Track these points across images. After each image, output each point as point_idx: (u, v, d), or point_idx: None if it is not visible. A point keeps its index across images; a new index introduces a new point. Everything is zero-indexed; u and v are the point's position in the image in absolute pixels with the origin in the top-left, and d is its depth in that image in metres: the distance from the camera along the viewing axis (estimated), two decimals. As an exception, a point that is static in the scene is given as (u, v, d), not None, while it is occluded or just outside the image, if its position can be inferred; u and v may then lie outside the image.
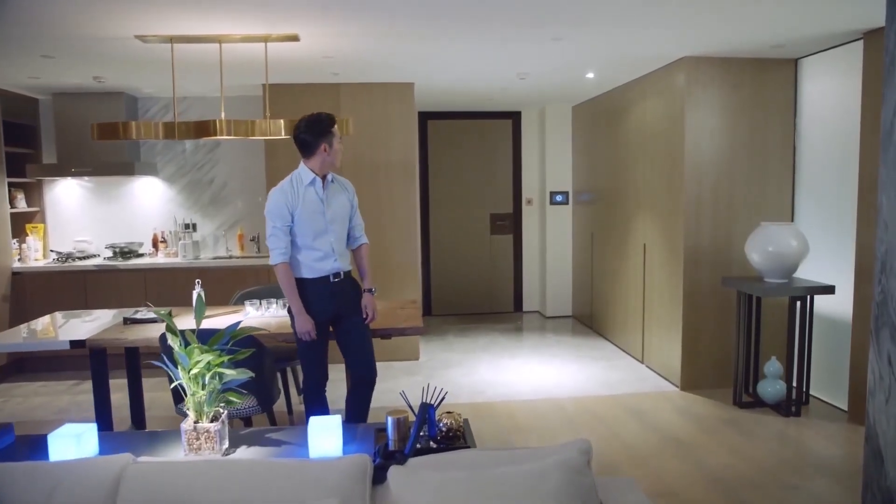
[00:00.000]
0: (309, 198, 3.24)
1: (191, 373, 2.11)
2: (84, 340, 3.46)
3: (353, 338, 3.39)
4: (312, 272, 3.27)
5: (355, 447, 2.19)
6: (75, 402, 4.75)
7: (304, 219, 3.22)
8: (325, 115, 3.25)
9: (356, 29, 3.78)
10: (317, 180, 3.25)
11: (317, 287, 3.28)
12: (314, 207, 3.24)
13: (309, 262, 3.27)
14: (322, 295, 3.28)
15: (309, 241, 3.24)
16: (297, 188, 3.23)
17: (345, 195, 3.40)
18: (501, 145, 7.57)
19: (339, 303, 3.33)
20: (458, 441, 2.17)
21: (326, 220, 3.28)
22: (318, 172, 3.25)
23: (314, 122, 3.22)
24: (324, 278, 3.28)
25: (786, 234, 4.21)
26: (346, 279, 3.37)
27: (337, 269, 3.31)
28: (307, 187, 3.24)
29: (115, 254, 5.74)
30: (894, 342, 2.45)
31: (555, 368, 5.43)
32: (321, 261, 3.27)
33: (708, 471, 3.48)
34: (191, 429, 2.13)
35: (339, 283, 3.32)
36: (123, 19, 3.47)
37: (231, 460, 1.91)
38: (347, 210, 3.40)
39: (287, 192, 3.22)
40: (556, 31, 3.86)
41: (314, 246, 3.25)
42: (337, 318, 3.36)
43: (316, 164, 3.24)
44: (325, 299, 3.29)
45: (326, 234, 3.28)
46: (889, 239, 2.48)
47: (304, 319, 3.22)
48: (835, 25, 3.79)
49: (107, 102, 5.60)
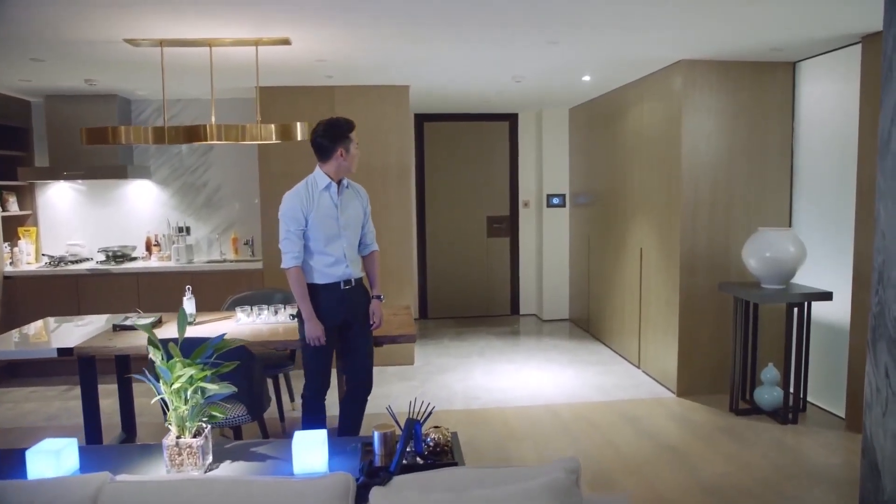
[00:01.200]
0: (323, 202, 3.21)
1: (172, 387, 2.07)
2: (72, 348, 3.41)
3: (358, 345, 3.37)
4: (324, 277, 3.25)
5: (341, 462, 2.15)
6: (66, 408, 4.71)
7: (317, 223, 3.19)
8: (344, 120, 3.23)
9: (348, 34, 3.73)
10: (332, 185, 3.23)
11: (328, 293, 3.25)
12: (328, 212, 3.22)
13: (320, 268, 3.24)
14: (332, 301, 3.26)
15: (321, 247, 3.22)
16: (313, 192, 3.21)
17: (358, 201, 3.37)
18: (498, 147, 7.52)
19: (348, 309, 3.31)
20: (446, 456, 2.12)
21: (340, 226, 3.26)
22: (334, 177, 3.23)
23: (332, 126, 3.20)
24: (335, 284, 3.26)
25: (783, 240, 4.17)
26: (356, 286, 3.34)
27: (348, 276, 3.29)
28: (322, 192, 3.21)
29: (108, 258, 5.69)
30: (891, 354, 2.41)
31: (551, 373, 5.39)
32: (333, 266, 3.25)
33: (702, 480, 3.44)
34: (173, 444, 2.08)
35: (350, 289, 3.30)
36: (113, 23, 3.42)
37: (210, 479, 1.86)
38: (360, 216, 3.38)
39: (302, 195, 3.19)
40: (552, 35, 3.81)
41: (326, 251, 3.23)
42: (345, 324, 3.33)
43: (332, 169, 3.22)
44: (336, 305, 3.27)
45: (339, 239, 3.25)
46: (886, 249, 2.44)
47: (315, 325, 3.19)
48: (833, 29, 3.75)
49: (100, 105, 5.55)
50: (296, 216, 3.16)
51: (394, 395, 4.92)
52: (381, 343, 3.53)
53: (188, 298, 3.86)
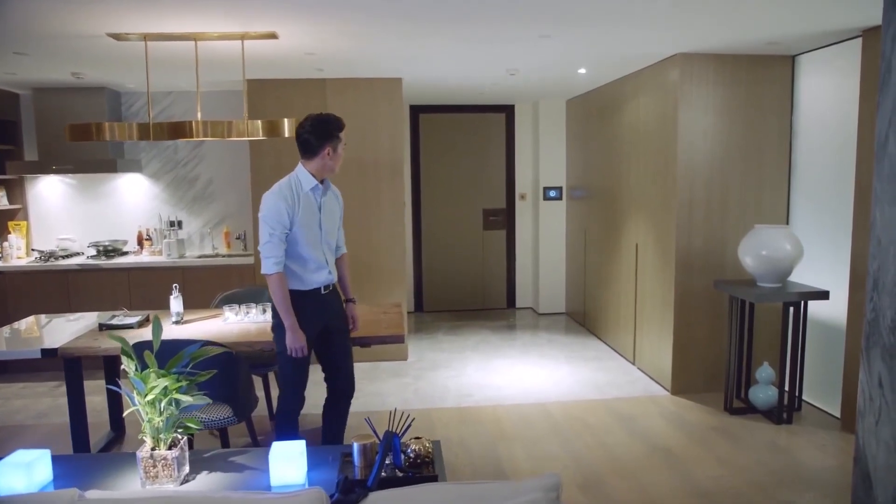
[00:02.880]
0: (307, 205, 3.05)
1: (146, 398, 2.02)
2: (56, 349, 3.37)
3: (338, 350, 3.28)
4: (305, 284, 3.10)
5: (320, 474, 2.11)
6: (55, 405, 4.67)
7: (301, 227, 3.03)
8: (334, 118, 3.05)
9: (335, 28, 3.65)
10: (318, 187, 3.08)
11: (308, 300, 3.10)
12: (312, 215, 3.08)
13: (302, 274, 3.08)
14: (314, 308, 3.12)
15: (303, 251, 3.05)
16: (297, 193, 3.04)
17: (336, 204, 3.25)
18: (495, 139, 7.44)
19: (329, 316, 3.20)
20: (427, 469, 2.07)
21: (323, 230, 3.12)
22: (317, 176, 3.07)
23: (321, 122, 3.01)
24: (315, 290, 3.13)
25: (780, 238, 4.10)
26: (333, 290, 3.24)
27: (329, 281, 3.18)
28: (307, 193, 3.06)
29: (99, 252, 5.64)
30: (885, 363, 2.35)
31: (545, 369, 5.34)
32: (315, 272, 3.11)
33: (695, 484, 3.40)
34: (147, 456, 2.04)
35: (329, 294, 3.20)
36: (95, 17, 3.34)
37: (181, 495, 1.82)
38: (337, 219, 3.27)
39: (286, 196, 3.00)
40: (543, 29, 3.73)
41: (309, 256, 3.07)
42: (325, 331, 3.21)
43: (315, 168, 3.05)
44: (318, 312, 3.14)
45: (321, 244, 3.12)
46: (882, 255, 2.37)
47: (299, 335, 3.03)
48: (832, 23, 3.66)
49: (88, 98, 5.47)
50: (281, 219, 2.97)
51: (385, 392, 4.88)
52: (369, 343, 3.48)
53: (175, 297, 3.81)
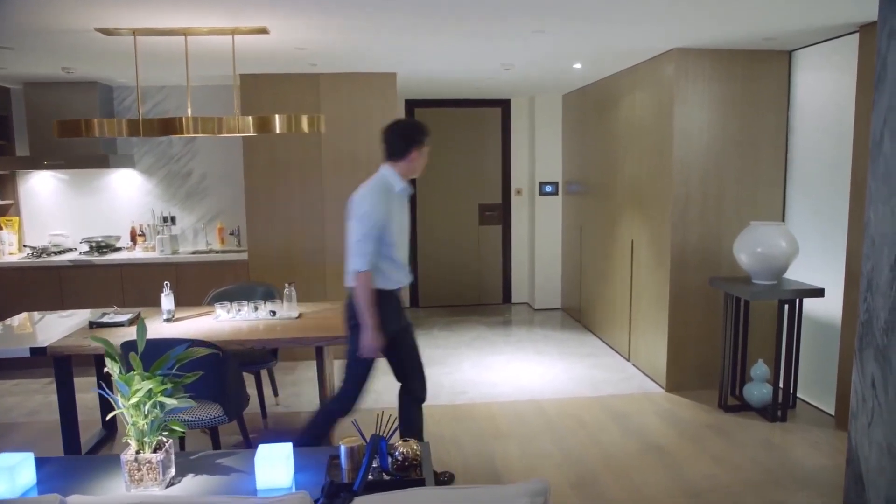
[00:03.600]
0: (396, 205, 3.08)
1: (130, 401, 1.99)
2: (45, 348, 3.34)
3: (413, 346, 3.31)
4: (389, 283, 3.10)
5: (308, 477, 2.09)
6: (47, 402, 4.64)
7: (392, 226, 3.05)
8: (420, 124, 3.13)
9: (326, 23, 3.61)
10: (406, 188, 3.11)
11: (391, 300, 3.11)
12: (401, 215, 3.12)
13: (390, 273, 3.09)
14: (395, 307, 3.15)
15: (391, 251, 3.07)
16: (390, 193, 3.06)
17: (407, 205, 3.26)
18: (491, 134, 7.39)
19: (403, 315, 3.23)
20: (414, 472, 2.05)
21: (405, 230, 3.16)
22: (404, 178, 3.10)
23: (409, 127, 3.11)
24: (397, 290, 3.15)
25: (775, 235, 4.08)
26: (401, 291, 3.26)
27: (409, 281, 3.22)
28: (396, 194, 3.08)
29: (92, 248, 5.60)
30: (878, 364, 2.33)
31: (540, 366, 5.33)
32: (398, 271, 3.13)
33: (688, 482, 3.39)
34: (132, 459, 2.01)
35: (400, 294, 3.21)
36: (83, 11, 3.30)
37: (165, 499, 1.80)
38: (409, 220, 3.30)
39: (383, 196, 3.01)
40: (537, 24, 3.69)
41: (395, 256, 3.09)
42: (402, 329, 3.23)
43: (403, 169, 3.08)
44: (397, 313, 3.16)
45: (404, 244, 3.15)
46: (875, 256, 2.35)
47: (377, 335, 3.01)
48: (829, 18, 3.62)
49: (80, 93, 5.42)
50: (380, 217, 2.97)
51: (379, 389, 4.84)
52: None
53: (166, 295, 3.78)
